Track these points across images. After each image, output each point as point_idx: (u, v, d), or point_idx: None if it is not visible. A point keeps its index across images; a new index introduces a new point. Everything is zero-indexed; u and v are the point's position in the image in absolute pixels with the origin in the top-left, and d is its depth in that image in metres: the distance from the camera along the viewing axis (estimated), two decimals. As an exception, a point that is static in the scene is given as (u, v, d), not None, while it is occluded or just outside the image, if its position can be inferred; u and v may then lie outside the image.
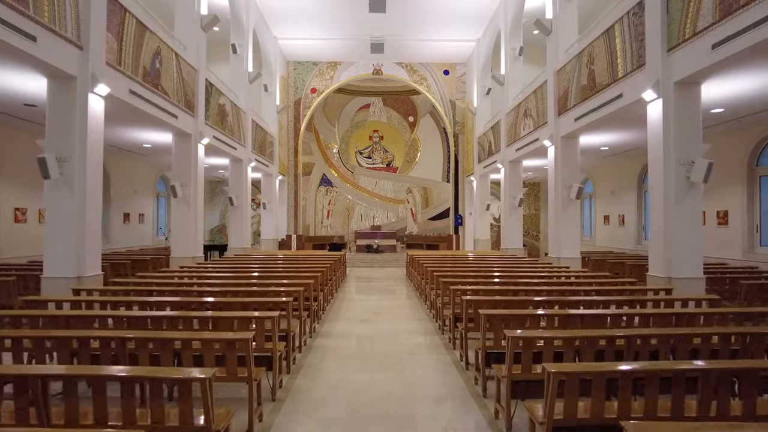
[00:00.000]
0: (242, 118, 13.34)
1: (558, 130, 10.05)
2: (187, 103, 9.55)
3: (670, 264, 6.25)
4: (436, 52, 18.51)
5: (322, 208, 22.72)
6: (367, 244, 18.97)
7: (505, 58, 13.78)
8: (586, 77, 8.69)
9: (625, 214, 13.89)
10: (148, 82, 7.79)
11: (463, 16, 15.35)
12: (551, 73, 10.19)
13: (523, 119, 12.27)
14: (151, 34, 7.87)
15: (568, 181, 10.03)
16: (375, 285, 12.30)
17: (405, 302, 9.29)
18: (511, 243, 13.77)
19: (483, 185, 17.27)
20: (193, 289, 5.67)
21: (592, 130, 9.38)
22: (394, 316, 7.84)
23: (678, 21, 5.95)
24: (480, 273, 8.06)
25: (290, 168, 19.76)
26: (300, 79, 19.68)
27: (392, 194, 23.16)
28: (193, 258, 9.96)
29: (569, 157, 10.05)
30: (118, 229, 13.45)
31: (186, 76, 9.46)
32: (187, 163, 9.87)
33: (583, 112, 8.85)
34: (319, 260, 10.62)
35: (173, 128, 9.25)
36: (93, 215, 6.27)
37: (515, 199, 13.54)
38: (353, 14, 15.18)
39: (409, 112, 22.62)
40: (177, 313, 4.28)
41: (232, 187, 13.48)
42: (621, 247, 13.97)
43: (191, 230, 9.95)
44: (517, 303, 5.12)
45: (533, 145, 11.47)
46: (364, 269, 16.33)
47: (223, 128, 11.66)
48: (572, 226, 10.13)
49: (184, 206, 9.92)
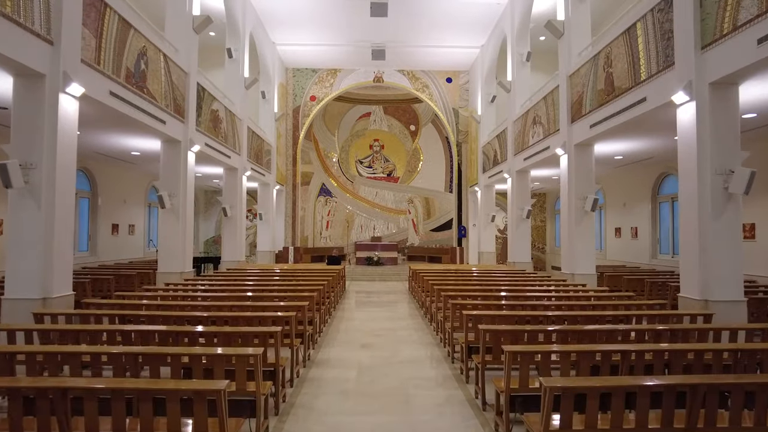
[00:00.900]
0: (237, 125, 12.76)
1: (571, 138, 9.45)
2: (177, 108, 8.96)
3: (706, 285, 5.59)
4: (439, 59, 18.02)
5: (321, 218, 22.08)
6: (367, 256, 18.30)
7: (512, 64, 13.25)
8: (603, 81, 8.11)
9: (637, 227, 13.25)
10: (131, 84, 7.20)
11: (466, 22, 14.88)
12: (564, 77, 9.63)
13: (532, 127, 11.69)
14: (136, 33, 7.29)
15: (582, 192, 9.41)
16: (376, 301, 11.61)
17: (409, 322, 8.60)
18: (519, 256, 13.11)
19: (487, 196, 16.65)
20: (173, 315, 5.01)
21: (609, 137, 8.78)
22: (397, 340, 7.15)
23: (714, 15, 5.37)
24: (490, 292, 7.40)
25: (288, 177, 19.16)
26: (299, 87, 19.18)
27: (393, 205, 22.54)
28: (181, 274, 9.29)
29: (583, 167, 9.44)
30: (106, 241, 12.80)
31: (176, 79, 8.89)
32: (176, 172, 9.25)
33: (599, 119, 8.25)
34: (317, 275, 9.96)
35: (161, 134, 8.65)
36: (63, 229, 5.62)
37: (523, 210, 12.91)
38: (354, 19, 14.71)
39: (411, 121, 22.09)
40: (144, 350, 3.61)
41: (226, 197, 12.86)
42: (634, 262, 13.30)
43: (179, 244, 9.30)
44: (541, 333, 4.45)
45: (543, 153, 10.86)
46: (364, 283, 15.64)
47: (216, 135, 11.07)
48: (587, 240, 9.48)
49: (172, 218, 9.28)
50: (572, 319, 5.20)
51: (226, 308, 5.56)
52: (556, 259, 19.13)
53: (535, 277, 10.09)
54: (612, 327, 4.64)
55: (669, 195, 11.97)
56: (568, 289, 7.89)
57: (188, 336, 4.20)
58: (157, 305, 5.77)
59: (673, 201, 11.89)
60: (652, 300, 7.18)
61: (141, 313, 5.18)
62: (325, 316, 8.19)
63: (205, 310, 5.49)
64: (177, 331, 4.25)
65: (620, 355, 3.66)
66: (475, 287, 8.10)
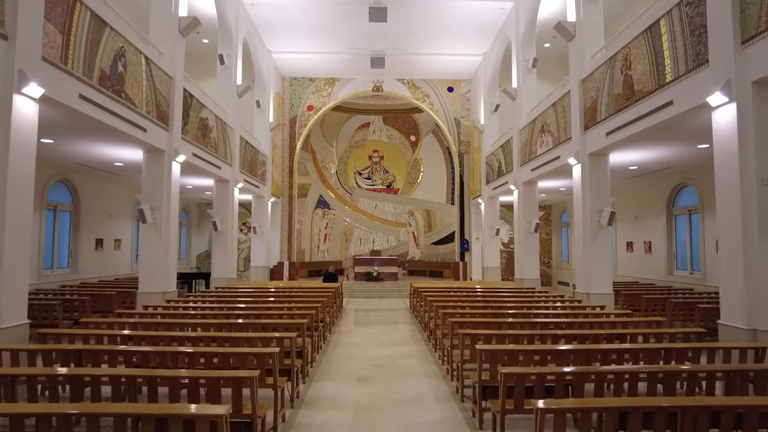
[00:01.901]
0: (229, 134, 12.12)
1: (585, 147, 8.80)
2: (160, 114, 8.32)
3: (754, 312, 4.87)
4: (440, 68, 17.49)
5: (319, 231, 21.37)
6: (366, 271, 17.54)
7: (517, 71, 12.67)
8: (620, 85, 7.47)
9: (651, 241, 12.54)
10: (106, 87, 6.55)
11: (468, 28, 14.36)
12: (575, 82, 9.01)
13: (540, 136, 11.05)
14: (112, 32, 6.67)
15: (597, 204, 8.73)
16: (375, 320, 10.85)
17: (411, 349, 7.83)
18: (527, 272, 12.38)
19: (491, 208, 15.97)
20: (139, 351, 4.28)
21: (626, 146, 8.12)
22: (398, 371, 6.39)
23: (758, 5, 4.73)
24: (502, 317, 6.67)
25: (285, 189, 18.49)
26: (296, 96, 18.62)
27: (393, 217, 21.86)
28: (164, 294, 8.56)
29: (598, 177, 8.77)
30: (89, 256, 12.06)
31: (159, 84, 8.25)
32: (159, 183, 8.57)
33: (616, 126, 7.60)
34: (311, 296, 9.22)
35: (142, 143, 7.99)
36: (17, 250, 4.91)
37: (530, 223, 12.21)
38: (352, 26, 14.18)
39: (411, 131, 21.52)
40: (78, 408, 2.88)
41: (217, 210, 12.17)
42: (648, 278, 12.57)
43: (161, 262, 8.58)
44: (575, 376, 3.72)
45: (553, 164, 10.20)
46: (362, 300, 14.87)
47: (205, 145, 10.42)
48: (603, 257, 8.76)
49: (153, 233, 8.57)
50: (605, 355, 4.45)
51: (202, 340, 4.82)
52: (562, 274, 18.38)
53: (547, 297, 9.35)
54: (657, 368, 3.90)
55: (686, 207, 11.29)
56: (587, 312, 7.15)
57: (147, 382, 3.46)
58: (129, 334, 5.04)
59: (690, 213, 11.20)
60: (688, 327, 6.44)
61: (105, 348, 4.43)
62: (319, 342, 7.44)
63: (177, 341, 4.76)
64: (135, 376, 3.51)
65: (679, 411, 2.92)
66: (484, 310, 7.36)
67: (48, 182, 10.38)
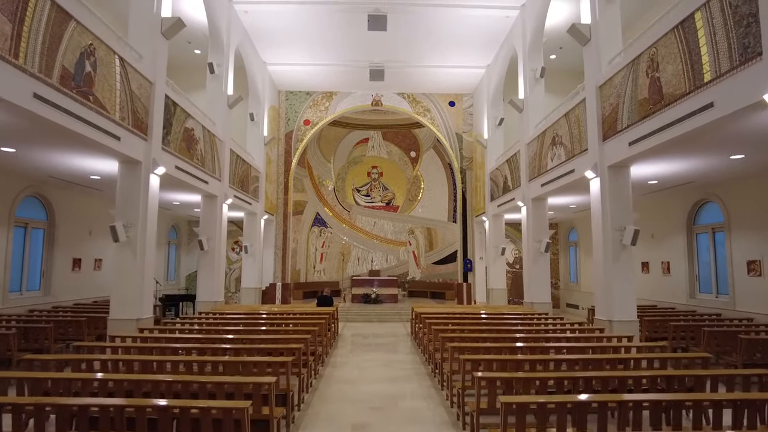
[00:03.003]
0: (218, 147, 11.36)
1: (604, 159, 8.03)
2: (137, 122, 7.55)
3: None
4: (441, 81, 16.90)
5: (315, 250, 20.50)
6: (364, 293, 16.60)
7: (524, 82, 12.02)
8: (646, 89, 6.74)
9: (669, 261, 11.69)
10: (70, 87, 5.78)
11: (471, 40, 13.79)
12: (592, 89, 8.29)
13: (551, 148, 10.30)
14: (78, 27, 5.94)
15: (619, 222, 7.91)
16: (373, 348, 9.90)
17: (415, 386, 6.89)
18: (537, 295, 11.48)
19: (496, 226, 15.15)
20: (85, 405, 3.39)
21: (650, 157, 7.34)
22: (400, 416, 5.46)
23: (827, -15, 4.01)
24: (520, 352, 5.78)
25: (279, 206, 17.67)
26: (292, 110, 17.97)
27: (392, 236, 21.02)
28: (137, 321, 7.64)
29: (619, 192, 7.98)
30: (64, 278, 11.14)
31: (137, 89, 7.51)
32: (135, 198, 7.75)
33: (641, 134, 6.84)
34: (303, 322, 8.31)
35: (117, 153, 7.20)
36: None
37: (540, 243, 11.37)
38: (350, 37, 13.60)
39: (411, 147, 20.87)
40: None
41: (204, 228, 11.32)
42: (667, 301, 11.67)
43: (136, 286, 7.69)
44: None
45: (567, 178, 9.42)
46: (360, 324, 13.90)
47: (190, 157, 9.64)
48: (626, 281, 7.89)
49: (127, 253, 7.71)
50: (655, 408, 3.56)
51: (164, 385, 3.92)
52: (572, 296, 17.46)
53: (563, 324, 8.45)
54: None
55: (709, 225, 10.47)
56: (617, 346, 6.25)
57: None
58: (79, 377, 4.14)
59: (714, 231, 10.38)
60: (754, 369, 5.54)
61: (47, 403, 3.53)
62: (309, 378, 6.50)
63: (135, 387, 3.86)
64: None
65: None
66: (496, 340, 6.47)
67: (17, 197, 9.53)
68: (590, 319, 11.74)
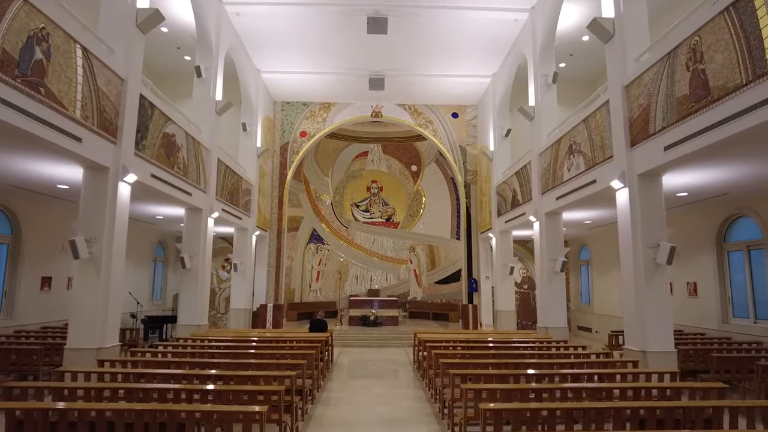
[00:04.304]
0: (204, 156, 10.46)
1: (633, 166, 7.10)
2: (105, 123, 6.64)
3: None
4: (444, 91, 16.13)
5: (311, 269, 19.44)
6: (362, 314, 15.51)
7: (535, 88, 11.20)
8: (686, 84, 5.86)
9: (697, 282, 10.67)
10: (12, 75, 4.88)
11: (476, 45, 13.05)
12: (617, 89, 7.42)
13: (568, 158, 9.40)
14: (26, 6, 5.07)
15: (650, 238, 6.95)
16: (372, 383, 8.80)
17: (423, 430, 5.82)
18: (553, 320, 10.43)
19: (504, 243, 14.17)
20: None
21: (689, 163, 6.43)
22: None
23: None
24: (551, 397, 4.75)
25: (273, 222, 16.69)
26: (288, 122, 17.15)
27: (393, 253, 20.00)
28: (98, 351, 6.60)
29: (651, 204, 7.04)
30: (31, 298, 10.10)
31: (105, 85, 6.62)
32: (101, 209, 6.80)
33: (681, 137, 5.94)
34: (292, 353, 7.27)
35: (79, 157, 6.28)
36: None
37: (556, 261, 10.37)
38: (350, 42, 12.86)
39: (412, 161, 20.02)
40: None
41: (187, 244, 10.35)
42: (696, 326, 10.61)
43: (99, 309, 6.67)
44: None
45: (587, 189, 8.49)
46: (357, 350, 12.79)
47: (170, 166, 8.72)
48: (660, 305, 6.89)
49: (90, 272, 6.71)
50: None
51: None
52: (584, 319, 16.36)
53: (587, 356, 7.40)
54: None
55: (743, 242, 9.50)
56: (660, 386, 5.21)
57: None
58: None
59: (749, 249, 9.40)
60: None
61: None
62: (295, 423, 5.43)
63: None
64: None
65: None
66: (517, 376, 5.43)
67: (-25, 209, 8.60)
68: (611, 346, 10.68)
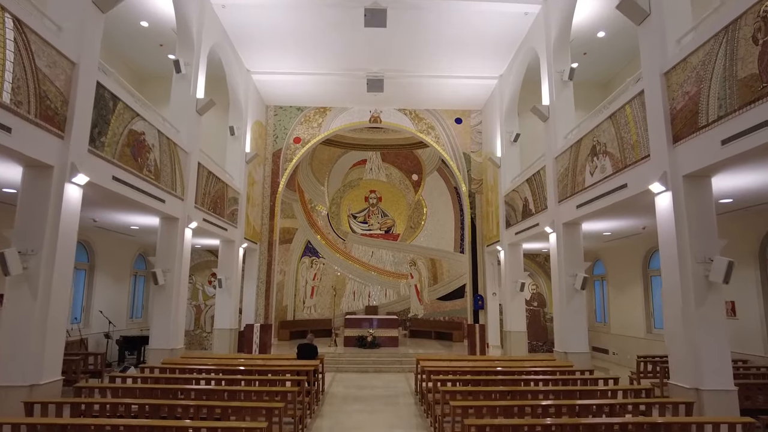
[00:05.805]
0: (181, 159, 9.35)
1: (676, 167, 5.99)
2: (47, 112, 5.54)
3: None
4: (447, 94, 15.13)
5: (305, 284, 18.23)
6: (359, 335, 14.25)
7: (549, 86, 10.16)
8: (754, 61, 4.76)
9: (735, 301, 9.48)
10: None
11: (483, 43, 12.08)
12: (655, 76, 6.34)
13: (590, 160, 8.29)
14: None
15: (701, 251, 5.81)
16: (367, 415, 7.56)
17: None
18: (572, 344, 9.22)
19: (514, 257, 13.00)
20: None
21: (748, 160, 5.32)
22: None
23: None
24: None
25: (264, 233, 15.53)
26: (281, 127, 16.11)
27: (392, 267, 18.81)
28: (31, 389, 5.40)
29: (699, 211, 5.91)
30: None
31: (47, 67, 5.54)
32: (41, 216, 5.65)
33: (745, 126, 4.83)
34: (269, 390, 6.05)
35: (11, 153, 5.17)
36: None
37: (575, 278, 9.20)
38: (346, 39, 11.88)
39: (413, 169, 18.95)
40: None
41: (161, 258, 9.17)
42: (736, 351, 9.36)
43: (35, 337, 5.48)
44: None
45: (616, 195, 7.35)
46: (353, 376, 11.52)
47: (138, 168, 7.60)
48: (717, 332, 5.71)
49: (24, 293, 5.54)
50: None
51: None
52: (599, 339, 15.10)
53: (619, 392, 6.19)
54: None
55: (792, 257, 8.35)
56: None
57: None
58: None
59: (799, 266, 8.24)
60: None
61: None
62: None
63: None
64: None
65: None
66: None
67: None
68: (638, 373, 9.45)
